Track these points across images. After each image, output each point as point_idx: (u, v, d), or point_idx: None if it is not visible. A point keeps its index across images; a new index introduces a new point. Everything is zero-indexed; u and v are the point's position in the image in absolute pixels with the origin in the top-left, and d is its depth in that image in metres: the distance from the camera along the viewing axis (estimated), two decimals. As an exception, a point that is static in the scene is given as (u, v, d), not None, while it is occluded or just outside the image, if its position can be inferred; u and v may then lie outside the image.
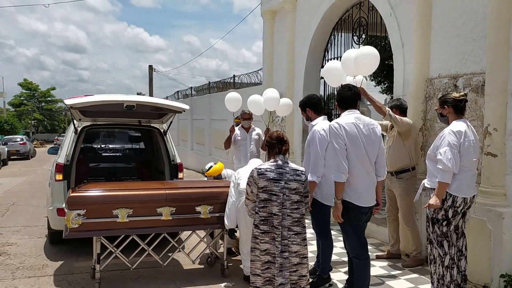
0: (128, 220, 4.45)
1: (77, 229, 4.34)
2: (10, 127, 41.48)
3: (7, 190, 12.38)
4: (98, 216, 4.39)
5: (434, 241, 3.76)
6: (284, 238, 3.41)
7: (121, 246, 4.63)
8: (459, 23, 4.76)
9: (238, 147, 7.06)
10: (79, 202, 4.40)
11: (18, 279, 4.95)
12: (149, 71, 27.48)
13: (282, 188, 3.45)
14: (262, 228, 3.46)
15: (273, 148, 3.62)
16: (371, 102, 4.86)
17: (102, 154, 9.16)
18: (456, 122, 3.72)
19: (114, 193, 4.63)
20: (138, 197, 4.62)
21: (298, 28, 8.32)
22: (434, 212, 3.71)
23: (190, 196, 4.80)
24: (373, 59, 4.54)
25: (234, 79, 12.96)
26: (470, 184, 3.72)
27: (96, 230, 4.42)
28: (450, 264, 3.73)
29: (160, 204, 4.57)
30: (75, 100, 5.16)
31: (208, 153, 14.73)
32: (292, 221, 3.47)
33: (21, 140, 28.33)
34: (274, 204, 3.43)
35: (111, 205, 4.44)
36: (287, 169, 3.52)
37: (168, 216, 4.58)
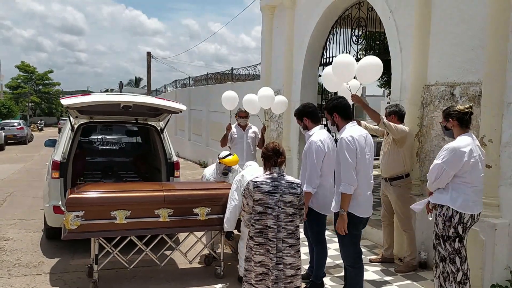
0: (126, 221, 4.51)
1: (75, 230, 4.39)
2: (7, 110, 41.24)
3: (4, 179, 12.40)
4: (96, 218, 4.44)
5: (446, 258, 3.74)
6: (279, 251, 3.43)
7: (119, 246, 4.69)
8: (458, 31, 4.75)
9: (235, 145, 7.07)
10: (78, 203, 4.43)
11: (14, 277, 5.00)
12: (147, 58, 27.35)
13: (277, 201, 3.45)
14: (257, 240, 3.48)
15: (269, 160, 3.61)
16: (366, 110, 4.86)
17: (98, 148, 9.16)
18: (461, 138, 3.67)
19: (113, 194, 4.67)
20: (136, 199, 4.66)
21: (297, 25, 8.27)
22: (443, 229, 3.71)
23: (188, 198, 4.84)
24: (377, 69, 4.57)
25: (232, 72, 12.91)
26: (477, 200, 3.70)
27: (95, 232, 4.47)
28: (463, 280, 3.73)
29: (158, 206, 4.62)
30: (71, 100, 5.15)
31: (205, 144, 14.74)
32: (286, 234, 3.48)
33: (18, 125, 28.25)
34: (269, 217, 3.44)
35: (110, 207, 4.48)
36: (283, 182, 3.52)
37: (166, 218, 4.63)
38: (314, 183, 4.13)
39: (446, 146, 3.69)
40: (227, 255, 5.81)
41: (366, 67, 4.66)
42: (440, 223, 3.74)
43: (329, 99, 4.66)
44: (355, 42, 7.11)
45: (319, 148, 4.14)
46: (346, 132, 3.84)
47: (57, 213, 5.67)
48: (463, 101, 4.66)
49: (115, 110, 5.77)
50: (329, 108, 4.06)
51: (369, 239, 6.19)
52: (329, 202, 4.36)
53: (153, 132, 6.78)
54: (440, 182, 3.70)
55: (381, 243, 5.64)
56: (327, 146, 4.22)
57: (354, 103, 4.82)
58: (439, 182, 3.71)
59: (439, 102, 5.01)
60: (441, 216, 3.72)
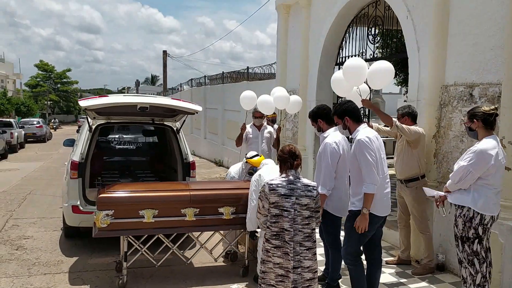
0: (154, 220, 4.66)
1: (105, 228, 4.56)
2: (27, 109, 41.95)
3: (24, 177, 12.64)
4: (125, 216, 4.60)
5: (465, 261, 3.72)
6: (296, 254, 3.43)
7: (147, 244, 4.85)
8: (477, 31, 4.67)
9: (250, 145, 7.09)
10: (108, 202, 4.60)
11: (34, 276, 5.09)
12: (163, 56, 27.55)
13: (293, 204, 3.45)
14: (274, 243, 3.48)
15: (285, 162, 3.61)
16: (378, 113, 4.84)
17: (116, 147, 9.28)
18: (487, 141, 3.63)
19: (141, 194, 4.82)
20: (164, 198, 4.80)
21: (313, 24, 8.23)
22: (463, 230, 3.69)
23: (213, 197, 4.96)
24: (388, 74, 4.54)
25: (248, 71, 12.92)
26: (496, 202, 3.71)
27: (124, 230, 4.64)
28: (482, 283, 3.69)
29: (184, 205, 4.76)
30: (89, 102, 5.24)
31: (221, 143, 14.79)
32: (303, 237, 3.48)
33: (38, 123, 28.75)
34: (285, 219, 3.44)
35: (138, 206, 4.64)
36: (299, 185, 3.52)
37: (192, 217, 4.76)
38: (329, 185, 4.12)
39: (474, 148, 3.65)
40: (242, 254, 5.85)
41: (376, 72, 4.65)
42: (460, 224, 3.71)
43: (338, 103, 4.64)
44: (371, 41, 7.05)
45: (334, 150, 4.13)
46: (361, 133, 3.88)
47: (75, 213, 5.77)
48: (482, 102, 4.59)
49: (132, 111, 5.85)
50: (340, 112, 4.12)
51: (386, 240, 6.14)
52: (344, 204, 4.35)
53: (169, 132, 6.84)
54: (464, 184, 3.68)
55: (397, 245, 5.60)
56: (342, 148, 4.20)
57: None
58: (463, 184, 3.69)
59: (458, 103, 4.94)
60: (462, 217, 3.69)
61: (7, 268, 5.31)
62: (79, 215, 5.76)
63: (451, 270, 4.98)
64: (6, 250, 5.97)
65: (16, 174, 13.12)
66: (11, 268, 5.30)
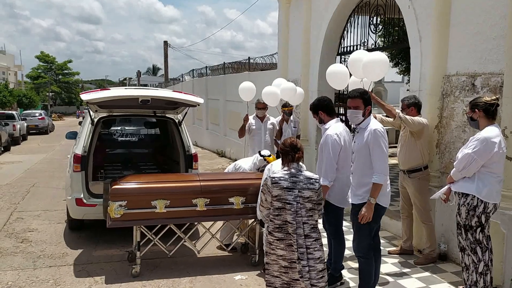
0: (166, 210, 4.74)
1: (119, 219, 4.65)
2: (29, 100, 41.97)
3: (27, 169, 12.68)
4: (138, 207, 4.69)
5: (468, 248, 3.78)
6: (300, 246, 3.45)
7: (159, 234, 4.95)
8: (479, 20, 4.64)
9: (253, 137, 7.10)
10: (121, 193, 4.69)
11: (39, 269, 5.14)
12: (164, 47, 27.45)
13: (296, 196, 3.46)
14: (277, 235, 3.50)
15: (287, 155, 3.61)
16: (380, 106, 4.84)
17: (118, 140, 9.30)
18: (490, 129, 3.69)
19: (153, 185, 4.92)
20: (175, 189, 4.88)
21: (314, 14, 8.18)
22: (466, 219, 3.74)
23: (224, 187, 5.03)
24: (382, 66, 4.53)
25: (249, 61, 12.88)
26: (499, 190, 3.78)
27: (136, 220, 4.74)
28: (484, 271, 3.76)
29: (196, 196, 4.84)
30: (91, 95, 5.25)
31: (223, 134, 14.80)
32: (310, 228, 3.50)
33: (40, 115, 28.78)
34: (288, 212, 3.45)
35: (150, 197, 4.74)
36: (301, 178, 3.52)
37: (203, 207, 4.85)
38: (331, 177, 4.14)
39: (477, 136, 3.71)
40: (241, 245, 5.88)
41: (371, 64, 4.66)
42: (463, 212, 3.76)
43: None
44: (373, 30, 7.01)
45: (336, 142, 4.14)
46: (376, 123, 3.90)
47: (79, 206, 5.80)
48: (484, 91, 4.57)
49: (133, 104, 5.86)
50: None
51: (388, 230, 6.18)
52: (346, 195, 4.36)
53: (171, 125, 6.84)
54: (468, 172, 3.73)
55: (399, 235, 5.63)
56: (343, 139, 4.21)
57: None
58: (467, 172, 3.74)
59: (460, 93, 4.92)
60: (465, 206, 3.74)
61: (12, 261, 5.36)
62: (83, 207, 5.80)
63: (453, 260, 5.01)
64: (11, 243, 6.01)
65: (19, 167, 13.16)
66: (17, 261, 5.34)
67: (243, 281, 4.79)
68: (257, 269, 5.04)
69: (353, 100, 3.94)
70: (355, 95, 3.96)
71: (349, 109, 3.99)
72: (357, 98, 3.92)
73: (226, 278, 4.88)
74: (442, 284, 4.51)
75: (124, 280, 4.81)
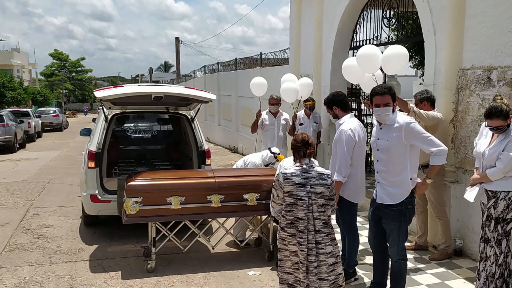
0: (181, 207, 4.79)
1: (135, 215, 4.71)
2: (43, 98, 42.39)
3: (42, 166, 12.84)
4: (153, 203, 4.74)
5: (493, 240, 3.80)
6: (309, 242, 3.45)
7: (174, 230, 5.01)
8: (495, 13, 4.56)
9: (266, 132, 7.11)
10: (136, 190, 4.74)
11: (55, 264, 5.21)
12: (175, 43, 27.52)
13: (308, 192, 3.45)
14: (289, 231, 3.51)
15: (298, 151, 3.60)
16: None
17: (131, 136, 9.35)
18: None
19: (168, 181, 4.95)
20: (190, 186, 4.93)
21: (326, 8, 8.12)
22: (502, 212, 3.76)
23: (238, 184, 5.05)
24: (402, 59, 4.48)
25: (260, 56, 12.84)
26: None
27: (152, 216, 4.79)
28: (503, 263, 3.82)
29: (210, 192, 4.87)
30: (105, 93, 5.29)
31: (235, 129, 14.80)
32: (322, 224, 3.50)
33: (54, 112, 29.08)
34: (300, 208, 3.45)
35: (165, 193, 4.78)
36: (313, 173, 3.51)
37: (218, 203, 4.88)
38: (345, 172, 4.10)
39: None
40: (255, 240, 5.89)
41: (391, 57, 4.60)
42: (501, 206, 3.77)
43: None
44: (386, 24, 6.93)
45: (350, 137, 4.10)
46: (403, 116, 3.80)
47: (94, 202, 5.86)
48: (500, 85, 4.50)
49: (146, 101, 5.88)
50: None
51: (402, 225, 6.12)
52: (360, 191, 4.35)
53: (184, 121, 6.86)
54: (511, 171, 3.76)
55: (414, 230, 5.58)
56: (357, 134, 4.17)
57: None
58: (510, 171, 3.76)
59: (475, 86, 4.85)
60: (506, 200, 3.76)
61: (29, 256, 5.44)
62: (98, 204, 5.86)
63: (469, 256, 4.96)
64: (28, 239, 6.11)
65: (35, 163, 13.34)
66: (33, 257, 5.42)
67: (257, 277, 4.80)
68: (271, 264, 5.04)
69: (383, 97, 3.66)
70: (384, 91, 3.68)
71: (377, 107, 3.70)
72: (386, 94, 3.66)
73: (240, 273, 4.90)
74: (458, 280, 4.47)
75: (138, 275, 4.85)
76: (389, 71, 4.83)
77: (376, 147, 3.84)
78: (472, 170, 4.94)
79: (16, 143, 16.96)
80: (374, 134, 3.90)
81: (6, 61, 43.59)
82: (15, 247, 5.76)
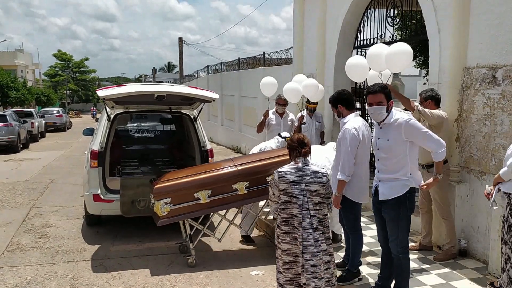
0: (209, 200, 4.87)
1: (167, 216, 4.80)
2: (47, 98, 42.55)
3: (45, 166, 12.86)
4: (182, 201, 4.83)
5: (509, 243, 3.68)
6: (304, 240, 3.51)
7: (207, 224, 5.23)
8: (500, 11, 4.51)
9: (271, 132, 7.10)
10: (164, 191, 4.81)
11: (57, 264, 5.19)
12: (179, 44, 27.54)
13: (302, 190, 3.54)
14: (283, 229, 3.59)
15: (294, 150, 3.70)
16: (398, 97, 4.73)
17: (134, 136, 9.35)
18: None
19: (193, 178, 5.00)
20: (214, 178, 4.99)
21: (330, 7, 8.07)
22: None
23: (260, 168, 5.08)
24: (406, 56, 4.44)
25: (264, 56, 12.81)
26: None
27: (184, 214, 4.88)
28: None
29: (235, 180, 4.94)
30: (107, 92, 5.28)
31: (238, 129, 14.78)
32: (317, 222, 3.56)
33: (57, 113, 29.18)
34: (294, 206, 3.54)
35: (192, 190, 4.86)
36: (307, 172, 3.60)
37: (244, 190, 4.95)
38: (348, 172, 4.07)
39: None
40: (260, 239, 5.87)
41: (395, 55, 4.56)
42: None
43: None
44: (390, 23, 6.89)
45: (354, 136, 4.07)
46: (402, 114, 3.78)
47: (96, 201, 5.85)
48: (506, 84, 4.45)
49: (149, 100, 5.87)
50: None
51: (406, 225, 6.08)
52: (364, 190, 4.31)
53: (186, 121, 6.85)
54: None
55: (418, 230, 5.53)
56: (361, 133, 4.13)
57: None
58: None
59: (480, 85, 4.80)
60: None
61: (31, 256, 5.43)
62: (100, 203, 5.84)
63: (474, 256, 4.91)
64: (30, 238, 6.10)
65: (38, 163, 13.35)
66: (35, 256, 5.41)
67: (260, 276, 4.78)
68: (274, 263, 5.00)
69: (375, 96, 3.69)
70: (376, 90, 3.71)
71: (370, 106, 3.73)
72: (379, 93, 3.68)
73: (243, 273, 4.87)
74: (463, 281, 4.42)
75: (141, 275, 4.83)
76: (393, 69, 4.78)
77: (377, 146, 3.85)
78: (477, 169, 4.93)
79: (19, 143, 16.99)
80: (375, 134, 3.92)
81: (10, 62, 43.74)
82: (17, 247, 5.75)
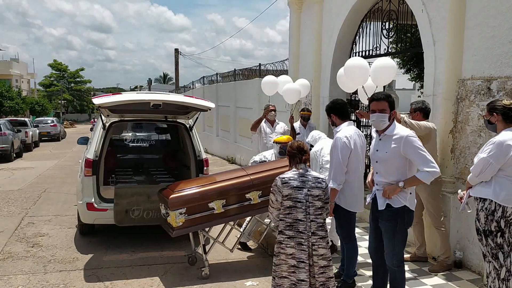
0: (224, 209, 4.85)
1: (181, 226, 4.75)
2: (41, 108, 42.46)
3: (39, 175, 12.76)
4: (197, 212, 4.79)
5: (488, 254, 3.68)
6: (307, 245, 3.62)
7: (220, 235, 5.22)
8: (494, 23, 4.57)
9: (265, 142, 7.18)
10: (178, 202, 4.76)
11: (49, 273, 5.12)
12: (175, 55, 27.62)
13: (305, 195, 3.66)
14: (288, 234, 3.65)
15: (294, 157, 3.80)
16: None
17: (129, 145, 9.32)
18: (506, 133, 3.58)
19: (207, 188, 4.98)
20: (228, 188, 4.95)
21: (326, 19, 8.15)
22: (485, 224, 3.64)
23: (272, 177, 4.98)
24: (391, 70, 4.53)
25: (260, 67, 12.88)
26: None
27: (199, 224, 4.85)
28: (507, 277, 3.64)
29: (248, 190, 4.93)
30: (103, 100, 5.26)
31: (233, 140, 14.77)
32: (317, 226, 3.68)
33: (52, 122, 29.05)
34: (299, 210, 3.65)
35: (206, 199, 4.84)
36: (309, 177, 3.74)
37: (257, 199, 4.94)
38: (339, 180, 4.10)
39: (492, 140, 3.62)
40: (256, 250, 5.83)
41: (379, 69, 4.65)
42: (482, 217, 3.67)
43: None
44: (385, 36, 6.95)
45: (345, 145, 4.10)
46: (403, 128, 3.75)
47: (90, 210, 5.79)
48: (500, 95, 4.49)
49: (145, 109, 5.87)
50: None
51: (401, 237, 6.06)
52: (358, 199, 4.31)
53: (182, 130, 6.83)
54: (484, 176, 3.64)
55: (412, 241, 5.52)
56: (353, 142, 4.15)
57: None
58: (483, 176, 3.65)
59: (475, 97, 4.84)
60: (484, 211, 3.65)
61: (23, 265, 5.35)
62: (94, 212, 5.78)
63: (469, 267, 4.90)
64: (22, 247, 6.02)
65: (31, 173, 13.25)
66: (27, 265, 5.34)
67: (254, 287, 4.73)
68: (268, 275, 4.96)
69: (379, 103, 3.65)
70: (380, 97, 3.67)
71: (373, 112, 3.68)
72: (383, 101, 3.64)
73: (237, 284, 4.83)
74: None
75: (134, 285, 4.78)
76: (378, 82, 4.84)
77: (375, 159, 3.81)
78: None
79: (13, 152, 16.87)
80: (373, 146, 3.88)
81: (5, 71, 43.73)
82: (9, 256, 5.67)
